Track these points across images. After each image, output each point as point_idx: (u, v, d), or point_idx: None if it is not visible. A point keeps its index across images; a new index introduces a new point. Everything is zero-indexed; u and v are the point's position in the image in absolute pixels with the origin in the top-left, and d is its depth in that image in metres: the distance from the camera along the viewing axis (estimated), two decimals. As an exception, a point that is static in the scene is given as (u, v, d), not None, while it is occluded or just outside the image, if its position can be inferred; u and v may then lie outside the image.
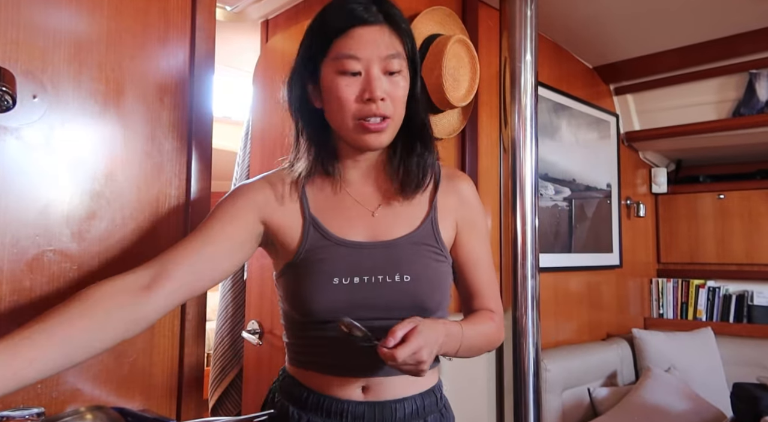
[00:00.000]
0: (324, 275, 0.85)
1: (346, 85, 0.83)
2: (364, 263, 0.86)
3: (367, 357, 0.82)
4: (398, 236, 0.90)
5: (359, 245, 0.88)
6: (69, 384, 0.97)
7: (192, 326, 1.13)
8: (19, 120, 0.93)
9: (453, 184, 0.97)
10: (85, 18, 1.01)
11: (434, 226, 0.92)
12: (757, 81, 2.49)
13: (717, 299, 3.05)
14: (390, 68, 0.84)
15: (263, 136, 2.04)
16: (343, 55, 0.83)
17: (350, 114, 0.84)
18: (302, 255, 0.88)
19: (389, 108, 0.84)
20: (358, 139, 0.86)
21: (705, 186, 3.20)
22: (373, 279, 0.85)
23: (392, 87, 0.84)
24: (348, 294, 0.84)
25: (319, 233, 0.88)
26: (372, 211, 0.92)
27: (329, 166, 0.91)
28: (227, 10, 2.18)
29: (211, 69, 1.18)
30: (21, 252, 0.92)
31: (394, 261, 0.87)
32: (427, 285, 0.88)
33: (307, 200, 0.91)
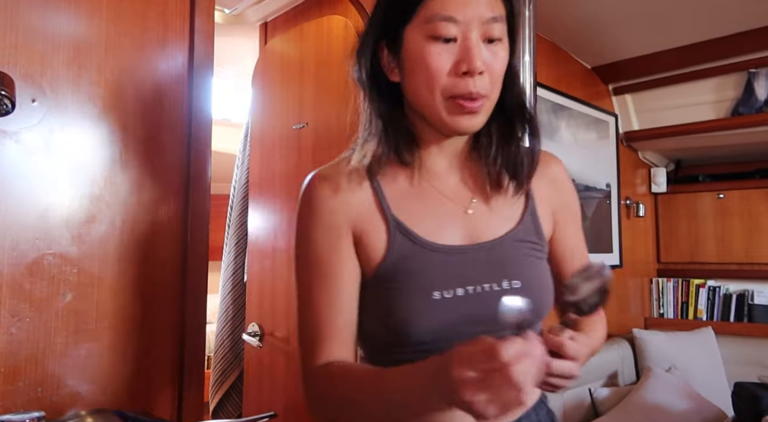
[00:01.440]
0: (422, 290, 0.69)
1: (437, 53, 0.68)
2: (466, 271, 0.71)
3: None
4: (499, 234, 0.75)
5: (457, 250, 0.73)
6: (69, 387, 0.96)
7: (192, 329, 1.13)
8: (18, 124, 0.93)
9: (545, 169, 0.81)
10: (84, 21, 1.01)
11: (534, 219, 0.79)
12: (755, 80, 2.49)
13: (717, 298, 3.05)
14: (491, 34, 0.68)
15: (262, 138, 2.04)
16: (437, 16, 0.67)
17: (440, 89, 0.68)
18: (389, 266, 0.72)
19: (486, 85, 0.68)
20: (448, 121, 0.70)
21: (704, 185, 3.20)
22: (479, 289, 0.70)
23: (492, 58, 0.69)
24: (453, 310, 0.69)
25: (407, 238, 0.72)
26: (465, 207, 0.76)
27: (407, 153, 0.75)
28: (226, 12, 2.19)
29: (209, 71, 1.18)
30: (21, 256, 0.92)
31: (500, 265, 0.73)
32: (539, 289, 0.74)
33: (383, 195, 0.74)
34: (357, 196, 0.74)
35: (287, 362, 1.81)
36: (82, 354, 0.98)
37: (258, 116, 2.09)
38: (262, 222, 1.99)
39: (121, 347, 1.03)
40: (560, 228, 0.83)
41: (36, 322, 0.93)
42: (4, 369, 0.90)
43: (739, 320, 2.98)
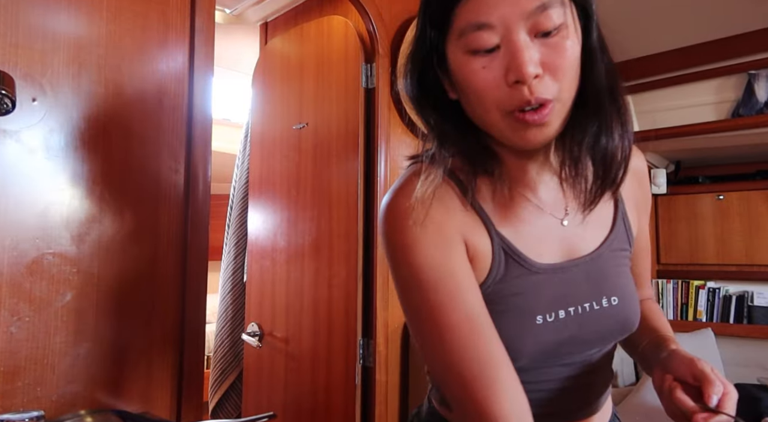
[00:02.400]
0: (525, 314, 0.64)
1: (481, 68, 0.57)
2: (567, 291, 0.66)
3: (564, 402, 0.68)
4: (596, 246, 0.69)
5: (558, 268, 0.67)
6: (69, 387, 0.96)
7: (191, 328, 1.13)
8: (18, 123, 0.93)
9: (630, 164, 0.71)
10: (84, 21, 1.01)
11: (626, 223, 0.72)
12: (756, 81, 2.50)
13: (717, 300, 3.05)
14: (543, 26, 0.56)
15: (263, 138, 2.04)
16: (470, 25, 0.57)
17: (494, 106, 0.58)
18: (492, 287, 0.65)
19: (549, 87, 0.57)
20: (515, 139, 0.60)
21: (704, 186, 3.20)
22: (579, 310, 0.66)
23: (552, 53, 0.56)
24: (555, 333, 0.64)
25: (512, 258, 0.65)
26: (560, 218, 0.69)
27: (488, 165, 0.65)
28: (226, 12, 2.19)
29: (210, 71, 1.18)
30: (21, 255, 0.92)
31: (598, 280, 0.68)
32: (634, 302, 0.69)
33: (485, 211, 0.66)
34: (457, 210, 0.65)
35: (286, 362, 1.81)
36: (81, 354, 0.98)
37: (258, 116, 2.09)
38: (261, 222, 1.99)
39: (120, 347, 1.03)
40: (640, 225, 0.77)
41: (36, 322, 0.93)
42: (4, 369, 0.90)
43: (739, 321, 2.98)
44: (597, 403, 0.71)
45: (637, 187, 0.76)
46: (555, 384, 0.67)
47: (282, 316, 1.84)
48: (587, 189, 0.65)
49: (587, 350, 0.68)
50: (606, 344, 0.69)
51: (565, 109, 0.60)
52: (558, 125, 0.60)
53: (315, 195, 1.75)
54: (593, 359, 0.69)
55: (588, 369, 0.69)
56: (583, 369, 0.67)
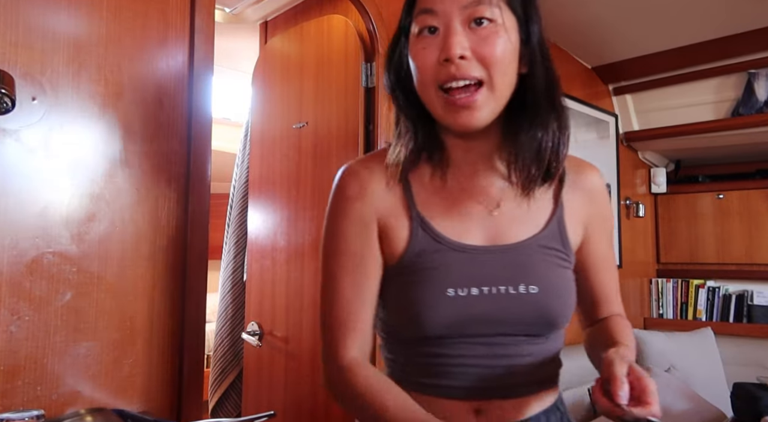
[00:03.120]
0: (437, 286, 0.71)
1: (423, 47, 0.68)
2: (483, 271, 0.72)
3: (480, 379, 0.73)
4: (522, 238, 0.75)
5: (477, 250, 0.73)
6: (69, 386, 0.96)
7: (191, 328, 1.13)
8: (18, 122, 0.93)
9: (582, 178, 0.81)
10: (84, 20, 1.01)
11: (561, 227, 0.77)
12: (755, 80, 2.49)
13: (717, 299, 3.05)
14: (476, 15, 0.66)
15: (262, 137, 2.04)
16: (420, 10, 0.69)
17: (430, 82, 0.68)
18: (409, 260, 0.73)
19: (475, 68, 0.66)
20: (447, 118, 0.69)
21: (704, 186, 3.20)
22: (494, 290, 0.71)
23: (481, 42, 0.66)
24: (465, 307, 0.71)
25: (428, 235, 0.73)
26: (490, 208, 0.75)
27: (434, 152, 0.75)
28: (226, 11, 2.19)
29: (210, 70, 1.18)
30: (20, 254, 0.92)
31: (519, 268, 0.73)
32: (557, 296, 0.74)
33: (411, 193, 0.76)
34: (385, 190, 0.75)
35: (286, 361, 1.81)
36: (81, 353, 0.98)
37: (258, 115, 2.09)
38: (261, 221, 1.99)
39: (120, 346, 1.03)
40: (593, 240, 0.81)
41: (35, 321, 0.93)
42: (4, 368, 0.90)
43: (739, 320, 2.98)
44: (518, 391, 0.74)
45: (589, 203, 0.81)
46: (471, 361, 0.72)
47: (282, 315, 1.84)
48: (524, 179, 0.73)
49: (503, 330, 0.72)
50: (523, 328, 0.73)
51: (499, 99, 0.69)
52: (489, 112, 0.69)
53: (315, 194, 1.75)
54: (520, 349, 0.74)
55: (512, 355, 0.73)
56: (505, 353, 0.72)
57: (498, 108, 0.70)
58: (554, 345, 0.79)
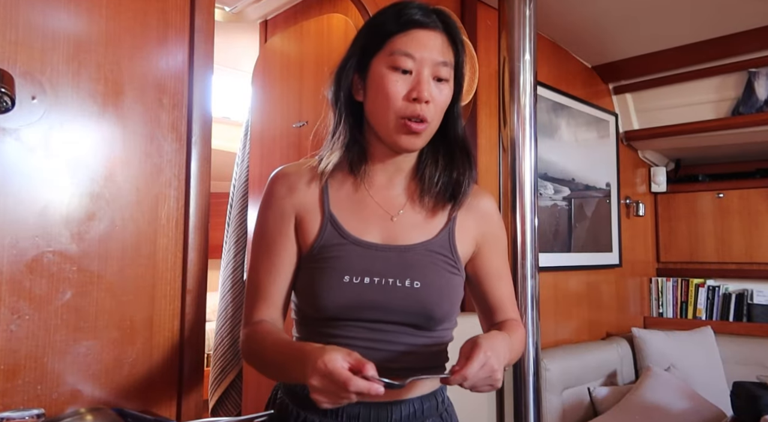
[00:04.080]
0: (336, 272, 0.85)
1: (395, 81, 0.84)
2: (376, 264, 0.86)
3: (366, 358, 0.81)
4: (414, 242, 0.90)
5: (374, 246, 0.88)
6: (69, 385, 0.97)
7: (191, 327, 1.13)
8: (18, 121, 0.93)
9: (475, 201, 0.97)
10: (84, 18, 1.01)
11: (451, 238, 0.92)
12: (756, 79, 2.49)
13: (717, 298, 3.05)
14: (439, 74, 0.85)
15: (262, 136, 2.04)
16: (399, 51, 0.84)
17: (394, 110, 0.84)
18: (317, 250, 0.88)
19: (431, 112, 0.85)
20: (396, 138, 0.86)
21: (704, 185, 3.20)
22: (383, 281, 0.85)
23: (438, 93, 0.86)
24: (358, 293, 0.84)
25: (335, 230, 0.89)
26: (392, 215, 0.92)
27: (356, 164, 0.91)
28: (226, 10, 2.18)
29: (210, 69, 1.18)
30: (20, 254, 0.92)
31: (407, 266, 0.87)
32: (437, 293, 0.87)
33: (328, 195, 0.92)
34: (307, 191, 0.91)
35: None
36: (81, 352, 0.98)
37: (258, 114, 2.09)
38: (261, 220, 1.99)
39: (120, 344, 1.03)
40: (484, 253, 0.97)
41: (36, 320, 0.93)
42: (4, 367, 0.90)
43: (739, 319, 2.98)
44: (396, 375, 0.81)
45: (480, 224, 0.97)
46: (358, 342, 0.84)
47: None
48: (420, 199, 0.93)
49: (388, 318, 0.85)
50: (405, 317, 0.85)
51: (430, 135, 0.88)
52: (423, 142, 0.88)
53: (315, 193, 1.75)
54: (402, 338, 0.86)
55: (393, 342, 0.85)
56: (388, 339, 0.85)
57: (428, 140, 0.89)
58: (437, 340, 0.90)
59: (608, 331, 2.84)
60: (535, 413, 1.69)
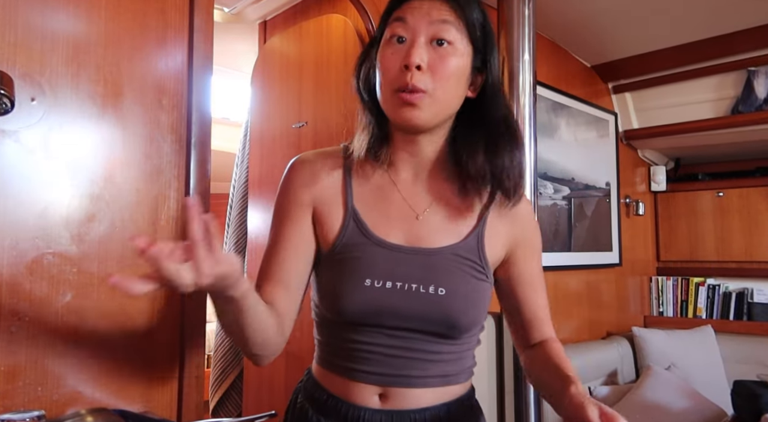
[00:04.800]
0: (357, 274, 0.79)
1: (391, 53, 0.78)
2: (400, 268, 0.80)
3: (384, 366, 0.80)
4: (440, 245, 0.82)
5: (398, 248, 0.81)
6: (69, 386, 0.96)
7: (192, 327, 1.13)
8: (17, 123, 0.93)
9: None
10: (83, 19, 1.01)
11: (480, 242, 0.84)
12: (755, 78, 2.49)
13: (717, 297, 3.05)
14: (439, 35, 0.76)
15: (262, 136, 2.04)
16: (394, 18, 0.79)
17: (388, 83, 0.78)
18: (338, 248, 0.82)
19: (426, 81, 0.76)
20: (393, 113, 0.79)
21: (704, 184, 3.20)
22: (406, 287, 0.79)
23: (437, 59, 0.76)
24: (379, 298, 0.78)
25: (358, 228, 0.82)
26: (418, 213, 0.84)
27: (380, 152, 0.84)
28: (225, 11, 2.19)
29: (209, 70, 1.18)
30: (20, 255, 0.92)
31: (432, 271, 0.80)
32: (463, 302, 0.80)
33: (351, 188, 0.85)
34: (329, 182, 0.85)
35: (287, 361, 1.81)
36: (82, 354, 0.98)
37: (257, 115, 2.09)
38: (261, 221, 1.99)
39: (121, 346, 1.03)
40: (518, 259, 0.89)
41: (36, 321, 0.93)
42: (5, 369, 0.90)
43: (739, 318, 2.98)
44: (418, 382, 0.81)
45: (515, 227, 0.88)
46: (379, 349, 0.80)
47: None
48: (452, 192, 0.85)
49: (410, 325, 0.79)
50: (428, 325, 0.79)
51: (439, 109, 0.78)
52: (427, 116, 0.78)
53: (315, 193, 1.75)
54: (425, 346, 0.80)
55: (415, 349, 0.80)
56: (410, 346, 0.80)
57: (440, 114, 0.80)
58: (463, 347, 0.85)
59: (608, 330, 2.84)
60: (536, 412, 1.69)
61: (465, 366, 0.87)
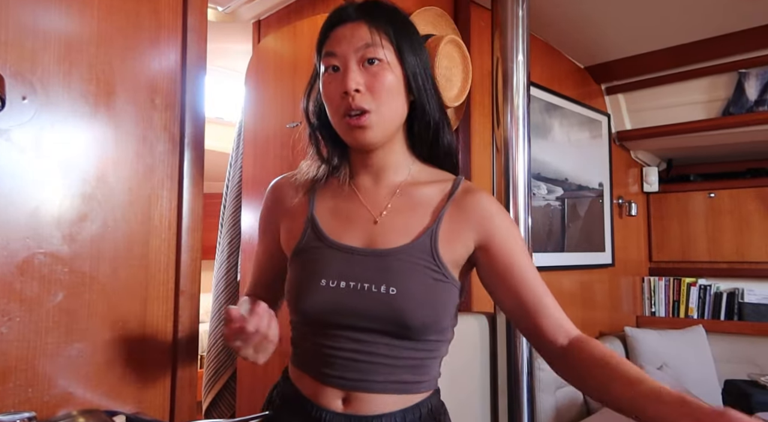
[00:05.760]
0: (313, 275, 0.84)
1: (329, 82, 0.84)
2: (354, 269, 0.83)
3: (348, 370, 0.82)
4: (393, 246, 0.85)
5: (352, 250, 0.86)
6: (61, 387, 0.96)
7: (185, 328, 1.12)
8: (8, 121, 0.92)
9: (469, 198, 0.88)
10: (75, 18, 1.00)
11: (433, 241, 0.84)
12: (746, 80, 2.52)
13: (708, 297, 3.08)
14: (367, 56, 0.82)
15: (256, 136, 2.03)
16: (325, 52, 0.85)
17: (335, 111, 0.84)
18: (296, 253, 0.89)
19: (367, 100, 0.81)
20: (348, 138, 0.86)
21: (696, 184, 3.23)
22: (359, 286, 0.82)
23: (371, 77, 0.82)
24: (333, 297, 0.82)
25: (314, 233, 0.89)
26: (375, 216, 0.88)
27: (337, 168, 0.92)
28: (219, 10, 2.18)
29: (203, 69, 1.17)
30: (11, 255, 0.92)
31: (385, 272, 0.82)
32: (414, 301, 0.80)
33: (314, 200, 0.92)
34: (294, 200, 0.95)
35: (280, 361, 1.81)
36: (73, 354, 0.97)
37: (251, 115, 2.08)
38: (255, 220, 1.98)
39: (112, 347, 1.02)
40: (494, 253, 0.86)
41: (26, 322, 0.93)
42: (-5, 370, 0.89)
43: (730, 318, 3.00)
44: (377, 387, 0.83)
45: (479, 223, 0.87)
46: (342, 353, 0.83)
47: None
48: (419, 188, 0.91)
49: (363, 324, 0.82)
50: (379, 324, 0.81)
51: (386, 123, 0.84)
52: (377, 133, 0.83)
53: (308, 194, 1.75)
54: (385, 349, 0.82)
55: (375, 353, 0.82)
56: (370, 351, 0.82)
57: (389, 128, 0.85)
58: (425, 354, 0.85)
59: (601, 330, 2.86)
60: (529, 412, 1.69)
61: (427, 377, 0.87)
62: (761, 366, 2.67)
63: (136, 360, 1.05)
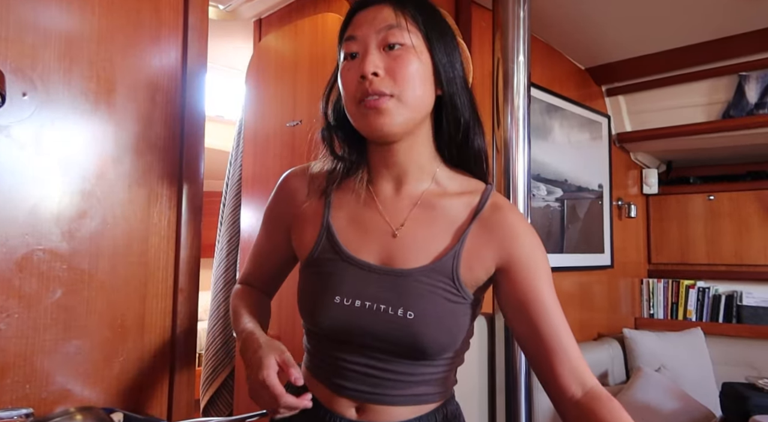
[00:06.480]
0: (327, 291, 0.79)
1: (348, 69, 0.78)
2: (370, 288, 0.78)
3: (362, 384, 0.80)
4: (412, 266, 0.78)
5: (369, 267, 0.80)
6: (58, 384, 0.96)
7: (183, 325, 1.12)
8: (8, 118, 0.92)
9: (497, 217, 0.80)
10: (76, 15, 1.00)
11: (455, 263, 0.78)
12: (746, 83, 2.52)
13: (707, 299, 3.08)
14: (389, 40, 0.75)
15: (256, 135, 2.03)
16: (345, 37, 0.79)
17: (351, 97, 0.77)
18: (311, 262, 0.84)
19: (387, 84, 0.74)
20: (363, 125, 0.77)
21: (695, 187, 3.23)
22: (375, 307, 0.77)
23: (392, 62, 0.75)
24: (347, 315, 0.78)
25: (330, 244, 0.82)
26: (395, 229, 0.81)
27: (355, 170, 0.85)
28: (220, 8, 2.18)
29: (203, 68, 1.17)
30: (10, 252, 0.92)
31: (402, 294, 0.77)
32: (432, 326, 0.76)
33: (330, 205, 0.85)
34: (310, 198, 0.87)
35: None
36: (71, 351, 0.97)
37: (252, 113, 2.08)
38: (254, 219, 1.98)
39: (111, 344, 1.02)
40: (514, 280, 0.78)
41: (25, 318, 0.93)
42: (-7, 366, 0.89)
43: (728, 321, 3.01)
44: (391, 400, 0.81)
45: (504, 243, 0.79)
46: (356, 367, 0.80)
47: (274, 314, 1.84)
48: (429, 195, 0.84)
49: (378, 345, 0.78)
50: (395, 348, 0.77)
51: (408, 112, 0.76)
52: (397, 120, 0.75)
53: (308, 192, 1.75)
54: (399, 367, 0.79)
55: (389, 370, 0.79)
56: (384, 367, 0.79)
57: (411, 119, 0.77)
58: (439, 369, 0.82)
59: (599, 332, 2.86)
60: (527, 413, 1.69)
61: (443, 387, 0.84)
62: (759, 368, 2.67)
63: (134, 357, 1.05)
